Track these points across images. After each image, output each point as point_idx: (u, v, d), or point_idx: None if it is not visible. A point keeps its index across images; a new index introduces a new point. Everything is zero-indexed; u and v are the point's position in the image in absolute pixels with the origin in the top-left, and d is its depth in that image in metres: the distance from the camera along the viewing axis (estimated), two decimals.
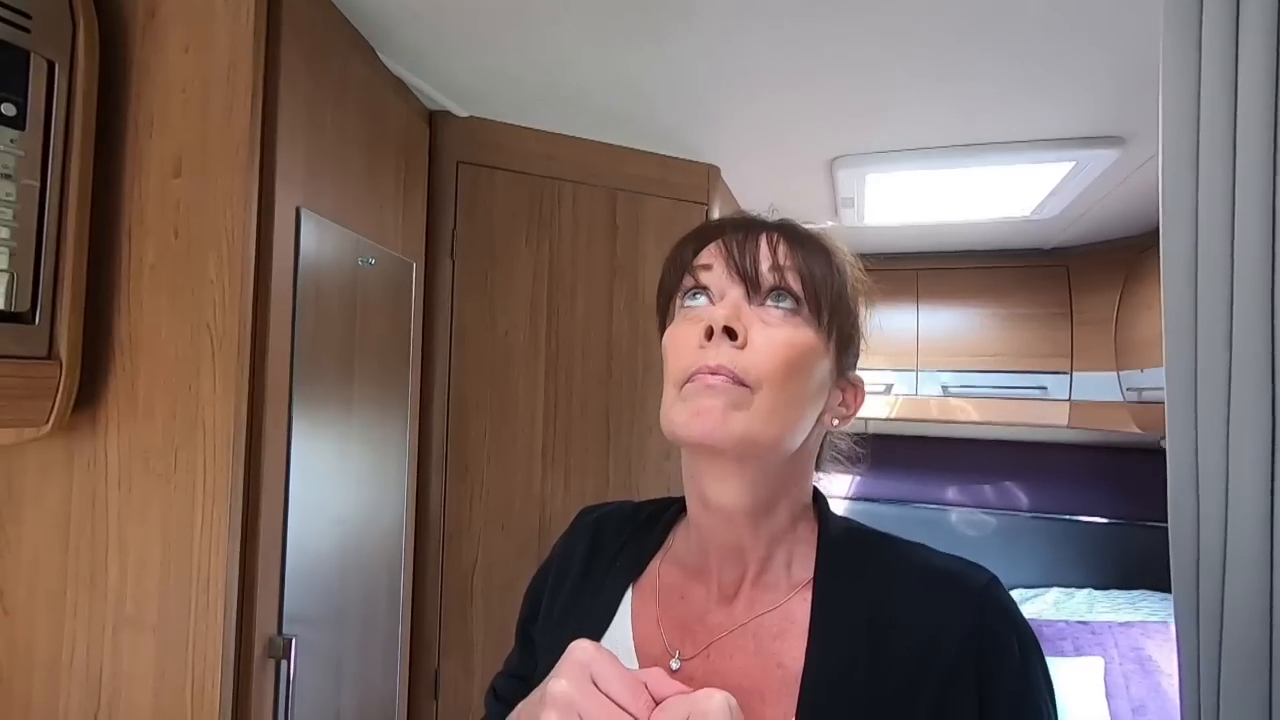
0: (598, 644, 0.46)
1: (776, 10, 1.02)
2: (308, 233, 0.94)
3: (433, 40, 1.14)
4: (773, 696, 0.51)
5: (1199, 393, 0.68)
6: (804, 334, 0.52)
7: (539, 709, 0.44)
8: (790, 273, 0.53)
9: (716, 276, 0.54)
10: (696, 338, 0.51)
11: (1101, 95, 1.27)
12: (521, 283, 1.46)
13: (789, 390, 0.51)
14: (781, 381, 0.50)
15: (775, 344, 0.51)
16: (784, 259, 0.53)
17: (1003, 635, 0.50)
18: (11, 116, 0.75)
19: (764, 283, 0.53)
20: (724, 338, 0.50)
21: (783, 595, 0.55)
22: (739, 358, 0.50)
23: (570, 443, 1.49)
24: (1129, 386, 2.12)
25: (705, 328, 0.51)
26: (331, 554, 1.03)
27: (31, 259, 0.78)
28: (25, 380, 0.77)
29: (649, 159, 1.58)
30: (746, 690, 0.51)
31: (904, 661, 0.49)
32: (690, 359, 0.51)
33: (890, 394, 2.56)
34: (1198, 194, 0.68)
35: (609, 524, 0.66)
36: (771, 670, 0.52)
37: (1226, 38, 0.66)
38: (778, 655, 0.52)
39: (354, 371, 1.08)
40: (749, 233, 0.55)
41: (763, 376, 0.49)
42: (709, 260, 0.55)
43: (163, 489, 0.82)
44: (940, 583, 0.53)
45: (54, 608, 0.86)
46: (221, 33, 0.83)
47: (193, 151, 0.84)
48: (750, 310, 0.52)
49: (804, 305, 0.53)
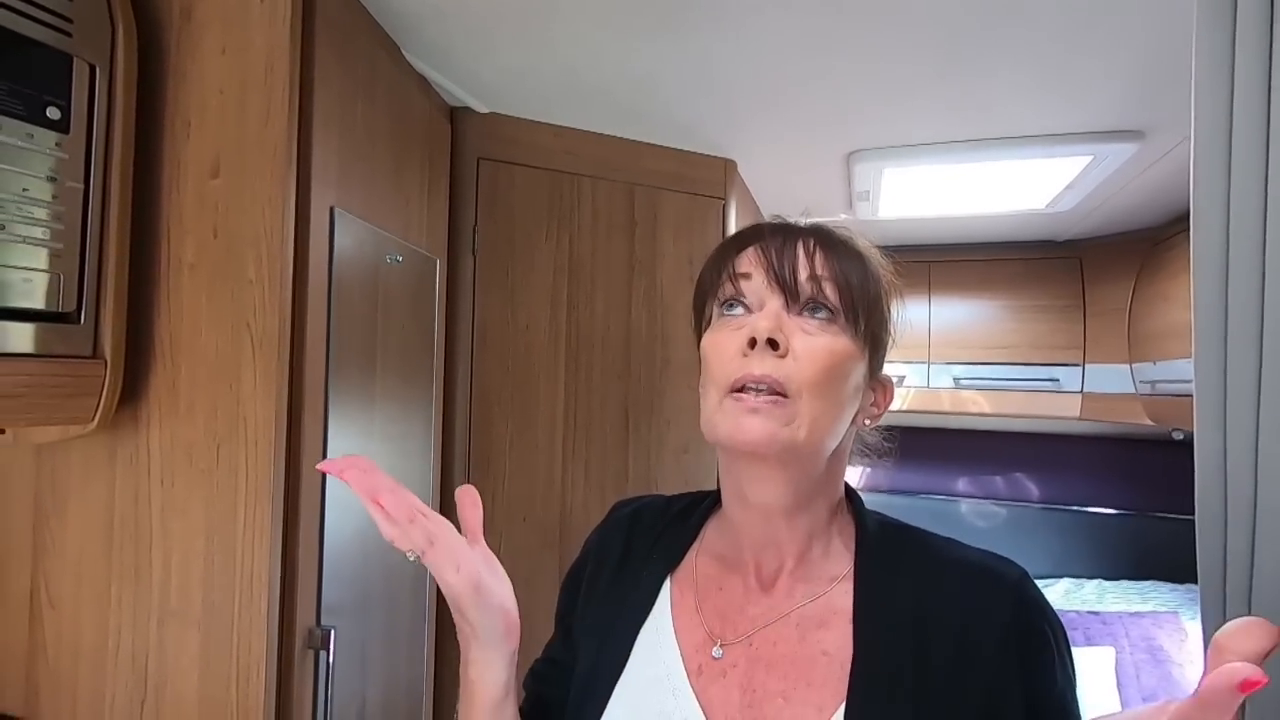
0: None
1: (795, 6, 1.03)
2: (341, 232, 0.95)
3: (456, 38, 1.15)
4: (819, 682, 0.52)
5: (1228, 386, 0.68)
6: (841, 341, 0.54)
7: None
8: (828, 283, 0.54)
9: (756, 285, 0.55)
10: (738, 345, 0.53)
11: (1121, 89, 1.27)
12: (541, 277, 1.47)
13: (828, 396, 0.53)
14: (821, 388, 0.52)
15: (815, 352, 0.52)
16: (821, 268, 0.54)
17: (1042, 630, 0.52)
18: (56, 120, 0.76)
19: (802, 293, 0.54)
20: (767, 348, 0.52)
21: (822, 587, 0.56)
22: (781, 367, 0.51)
23: (590, 436, 1.50)
24: (1142, 379, 2.13)
25: (749, 337, 0.52)
26: (363, 546, 1.05)
27: (76, 260, 0.79)
28: (72, 379, 0.79)
29: (667, 154, 1.59)
30: (793, 677, 0.53)
31: (947, 655, 0.51)
32: (734, 366, 0.53)
33: (902, 386, 2.57)
34: (1229, 187, 0.69)
35: (643, 517, 0.67)
36: (817, 658, 0.53)
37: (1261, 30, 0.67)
38: (822, 643, 0.54)
39: (380, 367, 1.10)
40: (786, 240, 0.56)
41: (804, 385, 0.51)
42: (748, 269, 0.56)
43: (205, 484, 0.84)
44: (975, 577, 0.54)
45: (99, 601, 0.88)
46: (258, 35, 0.84)
47: (230, 152, 0.85)
48: (789, 319, 0.54)
49: (840, 314, 0.54)
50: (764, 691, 0.53)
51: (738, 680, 0.54)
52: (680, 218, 1.60)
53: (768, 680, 0.54)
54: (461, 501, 0.57)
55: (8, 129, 0.71)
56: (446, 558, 0.52)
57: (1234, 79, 0.69)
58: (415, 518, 0.51)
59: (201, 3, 0.87)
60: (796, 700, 0.52)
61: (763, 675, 0.54)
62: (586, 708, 0.57)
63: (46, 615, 0.91)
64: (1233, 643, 0.31)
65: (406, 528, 0.51)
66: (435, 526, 0.52)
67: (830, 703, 0.51)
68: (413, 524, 0.51)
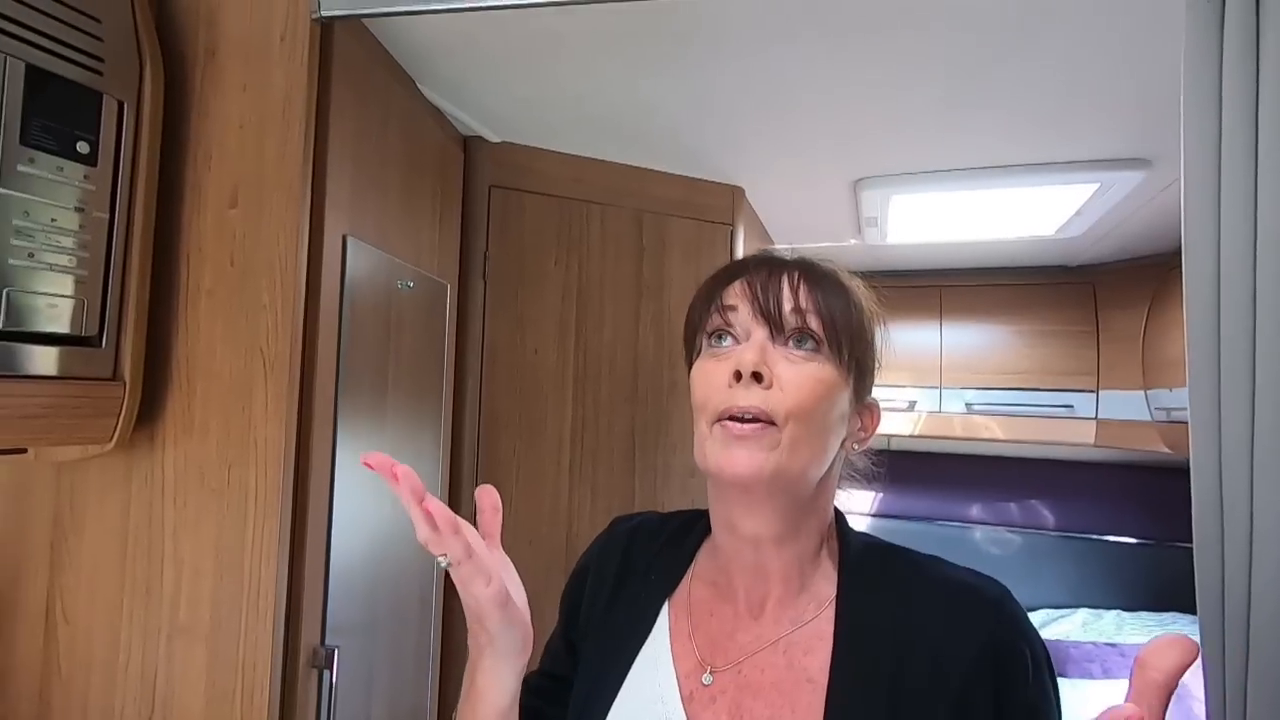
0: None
1: (803, 37, 1.05)
2: (353, 259, 0.98)
3: (469, 71, 1.19)
4: (803, 709, 0.53)
5: (1222, 414, 0.69)
6: (825, 370, 0.55)
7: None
8: (811, 315, 0.56)
9: (742, 317, 0.57)
10: (725, 377, 0.55)
11: (1126, 119, 1.28)
12: (550, 302, 1.50)
13: (813, 425, 0.54)
14: (806, 418, 0.54)
15: (799, 381, 0.54)
16: (805, 301, 0.56)
17: (1018, 648, 0.53)
18: (85, 154, 0.80)
19: (787, 325, 0.56)
20: (752, 380, 0.54)
21: (809, 613, 0.58)
22: (767, 398, 0.53)
23: (597, 459, 1.52)
24: (1158, 406, 2.10)
25: (734, 369, 0.54)
26: (369, 567, 1.06)
27: (99, 286, 0.83)
28: (92, 400, 0.82)
29: (675, 181, 1.62)
30: (778, 704, 0.54)
31: (924, 671, 0.52)
32: (720, 398, 0.55)
33: (913, 411, 2.56)
34: (1220, 217, 0.70)
35: (640, 536, 0.69)
36: (801, 684, 0.54)
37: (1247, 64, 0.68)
38: (807, 670, 0.55)
39: (391, 390, 1.12)
40: (771, 273, 0.58)
41: (789, 414, 0.53)
42: (734, 301, 0.58)
43: (216, 504, 0.87)
44: (957, 595, 0.55)
45: (112, 616, 0.90)
46: (278, 72, 0.88)
47: (249, 184, 0.89)
48: (774, 350, 0.55)
49: (825, 344, 0.56)
50: (751, 717, 0.54)
51: (726, 707, 0.56)
52: (688, 243, 1.63)
53: (755, 707, 0.55)
54: (482, 503, 0.57)
55: (40, 163, 0.75)
56: (479, 571, 0.52)
57: (1221, 111, 0.70)
58: (459, 528, 0.51)
59: (225, 41, 0.91)
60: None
61: (750, 702, 0.55)
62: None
63: (61, 630, 0.93)
64: (1154, 659, 0.34)
65: (450, 537, 0.51)
66: (473, 539, 0.53)
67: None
68: (456, 534, 0.51)
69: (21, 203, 0.74)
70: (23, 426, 0.76)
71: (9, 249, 0.73)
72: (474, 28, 1.04)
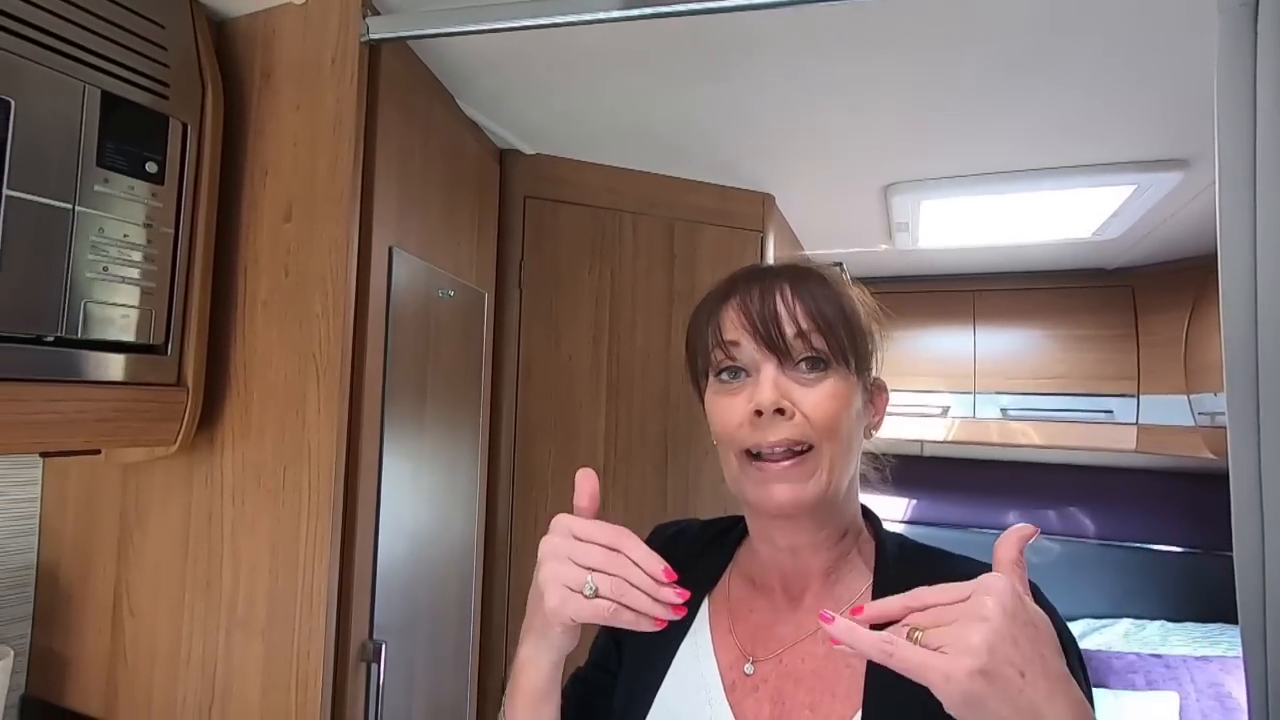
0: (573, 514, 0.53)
1: (828, 51, 1.07)
2: (398, 269, 1.02)
3: (506, 87, 1.23)
4: (843, 693, 0.56)
5: (1261, 417, 0.68)
6: (839, 384, 0.57)
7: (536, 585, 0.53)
8: (814, 335, 0.58)
9: (747, 352, 0.59)
10: (743, 414, 0.57)
11: (1162, 120, 1.27)
12: (584, 310, 1.53)
13: (841, 438, 0.57)
14: (834, 434, 0.56)
15: (819, 404, 0.56)
16: (803, 319, 0.58)
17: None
18: (153, 173, 0.85)
19: (795, 351, 0.58)
20: (775, 415, 0.56)
21: (846, 603, 0.60)
22: (795, 427, 0.56)
23: (630, 464, 1.54)
24: (1201, 410, 2.06)
25: (755, 410, 0.56)
26: (411, 566, 1.10)
27: (165, 297, 0.88)
28: (159, 405, 0.87)
29: (706, 189, 1.64)
30: (819, 689, 0.57)
31: None
32: (746, 434, 0.57)
33: (947, 417, 2.53)
34: (1255, 218, 0.69)
35: (683, 540, 0.72)
36: (841, 671, 0.57)
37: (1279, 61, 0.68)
38: (846, 657, 0.57)
39: (430, 396, 1.16)
40: (764, 293, 0.59)
41: (822, 432, 0.56)
42: (735, 336, 0.59)
43: (272, 504, 0.91)
44: None
45: (174, 610, 0.95)
46: (328, 93, 0.93)
47: (301, 199, 0.93)
48: (785, 378, 0.57)
49: (832, 358, 0.58)
50: (793, 704, 0.57)
51: (769, 695, 0.58)
52: (719, 251, 1.65)
53: (796, 693, 0.57)
54: (580, 489, 0.57)
55: (114, 183, 0.80)
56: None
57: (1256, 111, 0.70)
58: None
59: (279, 65, 0.96)
60: (822, 711, 0.55)
61: (792, 689, 0.58)
62: (629, 713, 0.62)
63: (127, 623, 0.99)
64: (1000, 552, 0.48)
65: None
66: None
67: (850, 712, 0.54)
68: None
69: (97, 220, 0.79)
70: (97, 429, 0.81)
71: (86, 263, 0.78)
72: (511, 46, 1.08)
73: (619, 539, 0.51)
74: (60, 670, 1.03)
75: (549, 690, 0.59)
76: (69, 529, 1.05)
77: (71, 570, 1.04)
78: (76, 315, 0.78)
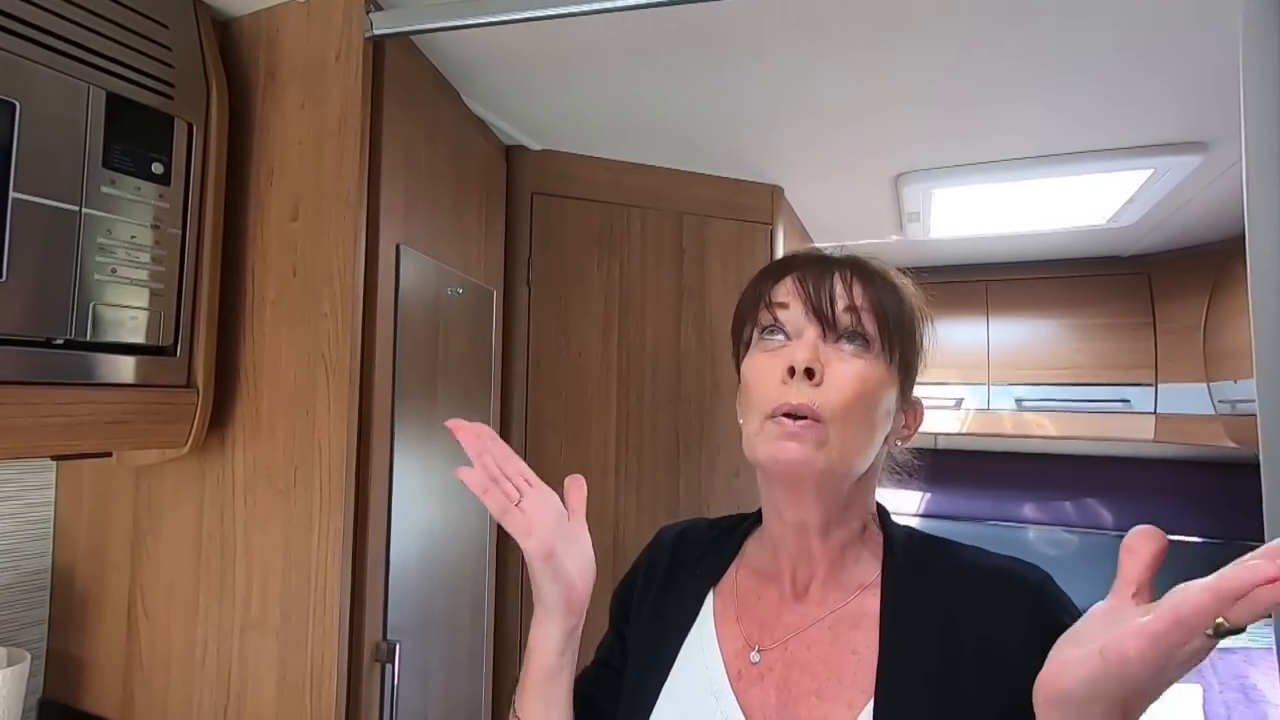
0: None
1: (839, 33, 1.05)
2: (406, 267, 1.01)
3: (511, 83, 1.22)
4: (849, 680, 0.55)
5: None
6: (875, 369, 0.56)
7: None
8: (866, 314, 0.57)
9: (794, 315, 0.58)
10: (778, 373, 0.56)
11: (1180, 100, 1.24)
12: (593, 306, 1.52)
13: (860, 421, 0.56)
14: (853, 414, 0.55)
15: (849, 379, 0.55)
16: (859, 299, 0.57)
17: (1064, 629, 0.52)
18: (159, 174, 0.85)
19: (840, 324, 0.57)
20: (804, 377, 0.55)
21: (852, 594, 0.59)
22: (817, 395, 0.55)
23: (642, 460, 1.53)
24: (1221, 398, 2.02)
25: (787, 365, 0.56)
26: (424, 566, 1.09)
27: (174, 298, 0.87)
28: (169, 406, 0.87)
29: (714, 182, 1.63)
30: (825, 676, 0.56)
31: (973, 655, 0.53)
32: (773, 393, 0.56)
33: (960, 408, 2.51)
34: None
35: (688, 538, 0.72)
36: (847, 657, 0.56)
37: None
38: (852, 644, 0.57)
39: (441, 394, 1.16)
40: (823, 271, 0.59)
41: (838, 411, 0.55)
42: (785, 299, 0.59)
43: (283, 504, 0.90)
44: (999, 581, 0.56)
45: (188, 612, 0.95)
46: (333, 90, 0.92)
47: (308, 198, 0.93)
48: (826, 347, 0.57)
49: (876, 342, 0.57)
50: (799, 691, 0.56)
51: (774, 683, 0.58)
52: (728, 244, 1.63)
53: (802, 680, 0.57)
54: (570, 485, 0.65)
55: (120, 184, 0.80)
56: (522, 524, 0.59)
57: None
58: (500, 479, 0.60)
59: (283, 63, 0.96)
60: (829, 698, 0.55)
61: (798, 676, 0.57)
62: (636, 705, 0.61)
63: (142, 626, 0.99)
64: (1135, 543, 0.40)
65: (490, 485, 0.60)
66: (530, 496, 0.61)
67: (859, 699, 0.53)
68: (496, 484, 0.60)
69: (105, 222, 0.79)
70: (108, 431, 0.81)
71: (94, 266, 0.78)
72: (515, 40, 1.07)
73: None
74: (77, 673, 1.03)
75: (556, 670, 0.61)
76: (83, 532, 1.05)
77: (86, 573, 1.04)
78: (85, 317, 0.77)
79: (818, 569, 0.60)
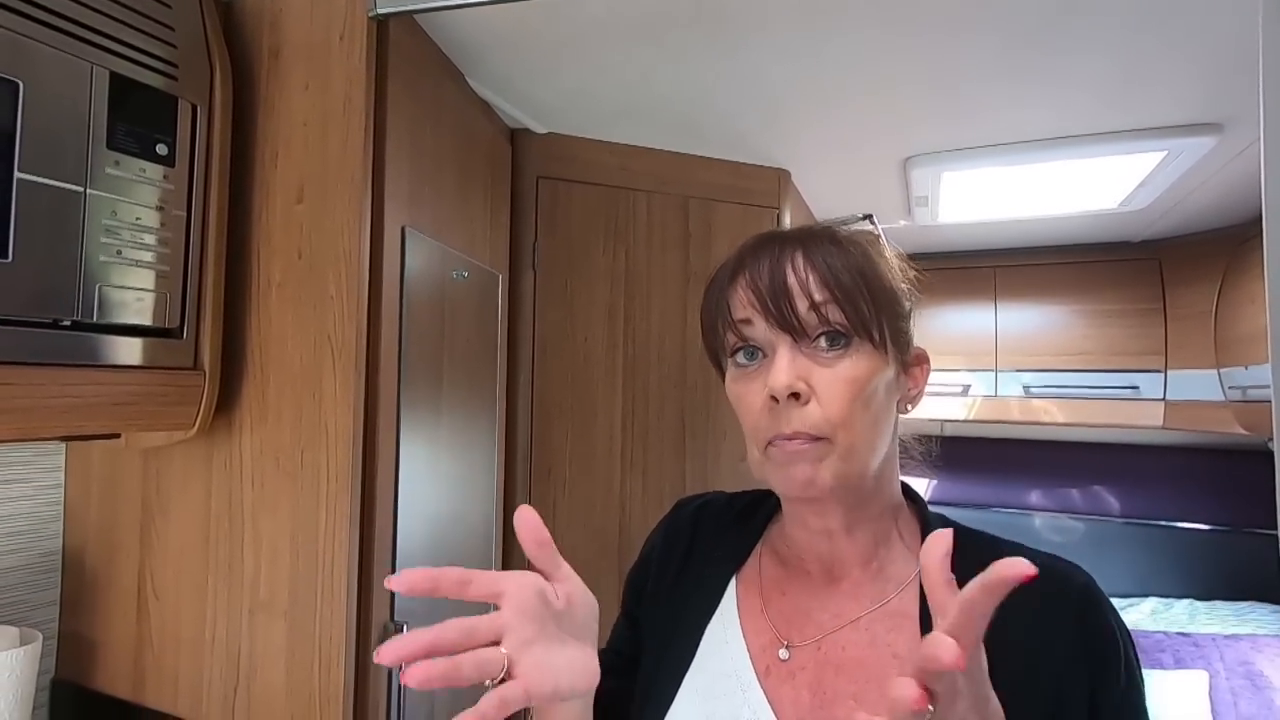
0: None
1: (848, 13, 1.04)
2: (411, 250, 1.01)
3: (516, 64, 1.21)
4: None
5: None
6: (860, 361, 0.53)
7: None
8: (830, 306, 0.52)
9: (759, 331, 0.54)
10: (762, 399, 0.53)
11: (1196, 81, 1.22)
12: (599, 290, 1.51)
13: (862, 421, 0.52)
14: (854, 418, 0.52)
15: (838, 386, 0.52)
16: (816, 290, 0.52)
17: (1111, 634, 0.51)
18: (164, 155, 0.85)
19: (809, 327, 0.53)
20: (790, 401, 0.51)
21: (889, 591, 0.56)
22: (809, 415, 0.51)
23: (648, 445, 1.53)
24: (1231, 385, 2.01)
25: (770, 395, 0.52)
26: (431, 547, 1.10)
27: (180, 280, 0.87)
28: (176, 389, 0.87)
29: (720, 166, 1.61)
30: (863, 680, 0.53)
31: (1016, 657, 0.50)
32: (764, 423, 0.53)
33: (967, 395, 2.50)
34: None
35: (707, 515, 0.68)
36: (888, 661, 0.53)
37: None
38: (893, 646, 0.54)
39: (446, 378, 1.16)
40: (775, 266, 0.54)
41: (836, 423, 0.51)
42: (746, 313, 0.55)
43: (291, 486, 0.91)
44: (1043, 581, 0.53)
45: (197, 593, 0.96)
46: (337, 71, 0.91)
47: (313, 179, 0.92)
48: (803, 357, 0.52)
49: (852, 333, 0.53)
50: (835, 694, 0.53)
51: (807, 682, 0.55)
52: (734, 228, 1.62)
53: (838, 682, 0.54)
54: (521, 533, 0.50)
55: (125, 165, 0.80)
56: (522, 691, 0.45)
57: None
58: (464, 658, 0.44)
59: (287, 43, 0.95)
60: (869, 702, 0.52)
61: (833, 677, 0.54)
62: (654, 699, 0.59)
63: (152, 607, 0.99)
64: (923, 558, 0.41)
65: (470, 676, 0.44)
66: (511, 636, 0.47)
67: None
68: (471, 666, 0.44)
69: (110, 203, 0.78)
70: (115, 413, 0.81)
71: (100, 247, 0.78)
72: (520, 21, 1.06)
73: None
74: (88, 653, 1.04)
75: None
76: (93, 514, 1.06)
77: (96, 555, 1.05)
78: (92, 299, 0.77)
79: (851, 567, 0.58)
